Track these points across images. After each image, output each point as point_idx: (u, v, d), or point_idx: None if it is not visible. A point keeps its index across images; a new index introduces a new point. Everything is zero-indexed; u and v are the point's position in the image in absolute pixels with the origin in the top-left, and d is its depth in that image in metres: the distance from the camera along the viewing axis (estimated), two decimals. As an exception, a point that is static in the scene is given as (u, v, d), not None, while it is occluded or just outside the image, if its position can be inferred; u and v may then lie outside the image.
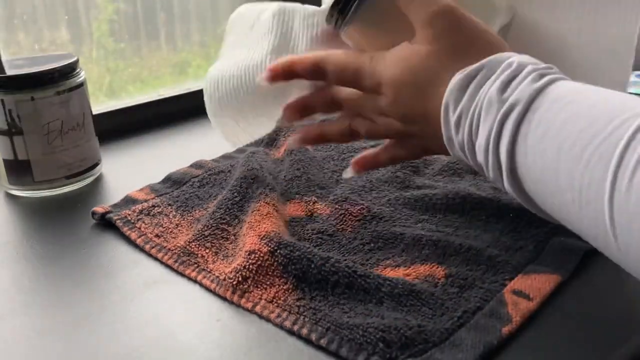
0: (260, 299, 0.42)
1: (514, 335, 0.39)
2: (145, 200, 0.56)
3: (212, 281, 0.45)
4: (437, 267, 0.44)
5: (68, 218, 0.56)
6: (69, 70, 0.59)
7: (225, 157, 0.66)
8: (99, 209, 0.54)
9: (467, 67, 0.41)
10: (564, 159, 0.34)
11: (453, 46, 0.43)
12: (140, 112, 0.79)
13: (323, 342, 0.38)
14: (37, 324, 0.42)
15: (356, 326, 0.38)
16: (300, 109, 0.51)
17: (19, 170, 0.59)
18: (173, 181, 0.60)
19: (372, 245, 0.48)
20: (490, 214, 0.51)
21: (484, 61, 0.40)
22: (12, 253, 0.51)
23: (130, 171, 0.65)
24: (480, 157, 0.40)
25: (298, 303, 0.41)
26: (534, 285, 0.42)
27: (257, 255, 0.45)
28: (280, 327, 0.40)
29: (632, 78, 0.88)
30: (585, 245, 0.46)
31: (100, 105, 0.78)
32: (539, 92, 0.37)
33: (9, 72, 0.58)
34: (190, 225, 0.52)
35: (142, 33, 0.85)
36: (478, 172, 0.47)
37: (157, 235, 0.51)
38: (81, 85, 0.61)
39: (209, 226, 0.50)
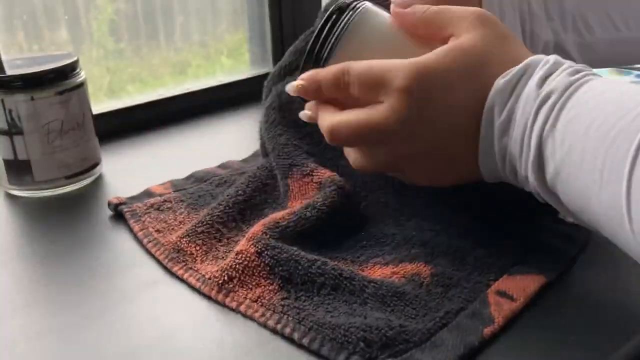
0: (245, 298, 0.42)
1: (496, 335, 0.39)
2: (161, 195, 0.56)
3: (197, 280, 0.45)
4: (424, 266, 0.44)
5: (68, 218, 0.56)
6: (69, 70, 0.59)
7: (255, 155, 0.65)
8: (114, 200, 0.55)
9: (509, 70, 0.41)
10: (590, 138, 0.35)
11: (501, 32, 0.43)
12: (140, 112, 0.79)
13: (305, 341, 0.38)
14: (37, 324, 0.42)
15: (338, 326, 0.38)
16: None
17: (19, 170, 0.59)
18: (195, 178, 0.60)
19: (363, 242, 0.48)
20: (482, 214, 0.50)
21: (526, 61, 0.41)
22: (12, 253, 0.51)
23: (130, 171, 0.65)
24: (515, 150, 0.40)
25: (282, 302, 0.41)
26: (519, 286, 0.42)
27: (244, 256, 0.44)
28: (264, 326, 0.40)
29: (632, 78, 0.88)
30: (572, 248, 0.47)
31: (100, 105, 0.78)
32: (573, 83, 0.38)
33: (9, 72, 0.58)
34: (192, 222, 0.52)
35: (142, 33, 0.85)
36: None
37: (157, 230, 0.51)
38: (81, 85, 0.60)
39: (204, 223, 0.50)
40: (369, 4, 0.48)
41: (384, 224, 0.50)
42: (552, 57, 0.41)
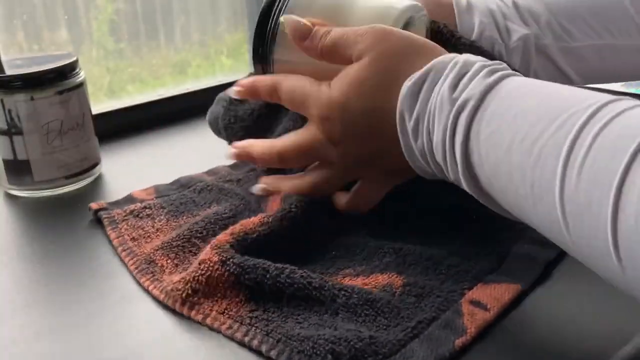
0: (212, 310, 0.41)
1: (469, 345, 0.38)
2: (142, 201, 0.55)
3: (161, 291, 0.43)
4: (396, 277, 0.43)
5: (68, 218, 0.56)
6: (69, 70, 0.59)
7: (245, 162, 0.63)
8: (94, 205, 0.54)
9: (414, 74, 0.42)
10: (515, 153, 0.35)
11: (392, 49, 0.44)
12: (140, 112, 0.79)
13: (273, 353, 0.37)
14: (37, 324, 0.41)
15: (307, 338, 0.37)
16: None
17: (19, 170, 0.59)
18: (180, 184, 0.59)
19: (333, 253, 0.47)
20: (456, 222, 0.49)
21: (430, 64, 0.41)
22: (12, 253, 0.51)
23: (129, 171, 0.65)
24: (439, 158, 0.41)
25: (251, 315, 0.40)
26: (493, 295, 0.41)
27: (207, 265, 0.42)
28: (232, 339, 0.39)
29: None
30: (548, 255, 0.45)
31: (100, 105, 0.78)
32: (491, 88, 0.38)
33: (9, 72, 0.58)
34: (171, 230, 0.50)
35: (142, 33, 0.85)
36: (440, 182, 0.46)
37: (132, 239, 0.49)
38: (81, 85, 0.60)
39: (181, 237, 0.48)
40: None
41: (357, 234, 0.49)
42: (462, 57, 0.41)
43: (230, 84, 0.86)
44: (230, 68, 0.94)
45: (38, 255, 0.50)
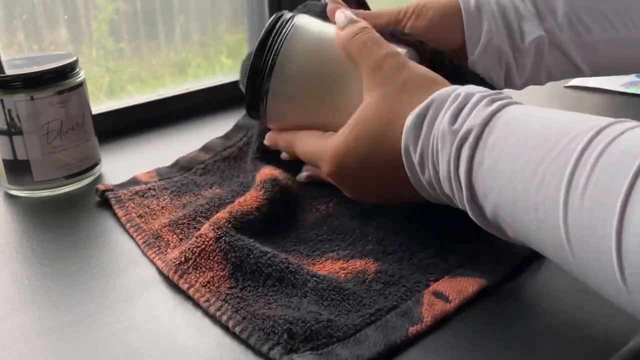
0: (196, 281, 0.43)
1: (424, 335, 0.38)
2: (147, 183, 0.58)
3: (162, 261, 0.46)
4: (372, 263, 0.45)
5: (68, 218, 0.56)
6: (69, 70, 0.59)
7: (236, 129, 0.66)
8: (101, 187, 0.57)
9: (416, 107, 0.42)
10: (519, 178, 0.35)
11: (403, 84, 0.45)
12: (140, 112, 0.79)
13: (237, 329, 0.39)
14: (37, 324, 0.41)
15: (269, 317, 0.39)
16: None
17: (19, 170, 0.59)
18: (180, 166, 0.62)
19: (324, 237, 0.49)
20: (444, 216, 0.49)
21: (430, 97, 0.42)
22: (12, 253, 0.51)
23: (129, 171, 0.65)
24: (447, 190, 0.41)
25: (228, 291, 0.42)
26: (457, 287, 0.42)
27: (202, 239, 0.46)
28: (206, 312, 0.41)
29: (633, 78, 0.88)
30: (522, 252, 0.45)
31: (100, 105, 0.78)
32: (491, 116, 0.38)
33: (9, 72, 0.58)
34: (175, 209, 0.54)
35: (142, 33, 0.85)
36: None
37: (139, 216, 0.53)
38: (81, 85, 0.60)
39: (188, 216, 0.52)
40: (297, 21, 0.51)
41: (347, 220, 0.51)
42: (463, 89, 0.41)
43: (230, 84, 0.86)
44: (230, 68, 0.94)
45: (38, 255, 0.50)
